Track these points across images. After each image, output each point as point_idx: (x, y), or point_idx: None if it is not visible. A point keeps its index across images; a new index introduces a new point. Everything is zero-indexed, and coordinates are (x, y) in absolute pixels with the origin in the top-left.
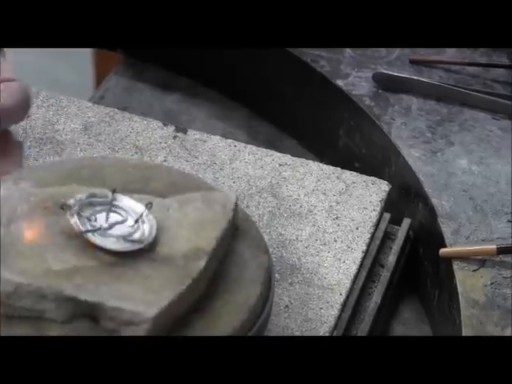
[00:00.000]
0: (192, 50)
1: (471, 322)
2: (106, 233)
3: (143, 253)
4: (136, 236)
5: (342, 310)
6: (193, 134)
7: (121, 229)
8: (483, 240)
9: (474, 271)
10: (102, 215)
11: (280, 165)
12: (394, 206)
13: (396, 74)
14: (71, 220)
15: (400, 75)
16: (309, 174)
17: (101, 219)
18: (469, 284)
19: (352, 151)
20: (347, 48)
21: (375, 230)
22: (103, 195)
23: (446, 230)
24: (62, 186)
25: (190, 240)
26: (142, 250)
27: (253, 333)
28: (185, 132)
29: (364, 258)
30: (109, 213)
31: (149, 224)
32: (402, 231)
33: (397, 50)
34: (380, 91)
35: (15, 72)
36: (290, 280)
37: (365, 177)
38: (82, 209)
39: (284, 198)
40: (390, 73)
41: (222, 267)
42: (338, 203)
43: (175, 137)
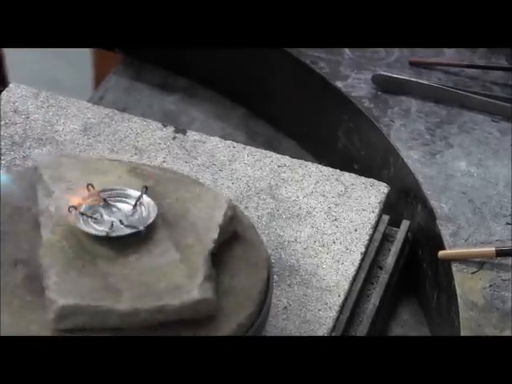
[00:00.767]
0: (191, 51)
1: (470, 324)
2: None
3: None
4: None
5: (341, 312)
6: (192, 135)
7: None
8: (482, 242)
9: (473, 273)
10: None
11: (279, 166)
12: (393, 208)
13: (395, 76)
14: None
15: (399, 77)
16: (308, 176)
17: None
18: (467, 286)
19: (351, 153)
20: (346, 49)
21: (374, 232)
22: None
23: (445, 232)
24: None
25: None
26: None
27: (250, 334)
28: (184, 133)
29: (363, 260)
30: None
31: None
32: (401, 233)
33: (396, 52)
34: (379, 93)
35: (15, 73)
36: (289, 281)
37: (364, 179)
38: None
39: (283, 200)
40: (390, 75)
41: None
42: (337, 205)
43: (174, 138)
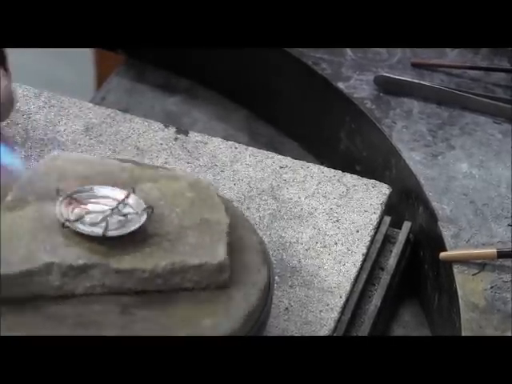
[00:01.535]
0: (193, 52)
1: (471, 326)
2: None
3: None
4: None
5: (342, 313)
6: (194, 136)
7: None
8: (483, 244)
9: (474, 275)
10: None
11: (281, 167)
12: (395, 209)
13: (397, 78)
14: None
15: (401, 78)
16: (309, 177)
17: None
18: (469, 288)
19: (353, 154)
20: (348, 50)
21: (375, 233)
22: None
23: (447, 234)
24: None
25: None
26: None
27: (252, 334)
28: (186, 134)
29: (364, 261)
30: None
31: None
32: (403, 234)
33: (398, 53)
34: (381, 94)
35: (17, 73)
36: (290, 282)
37: (365, 180)
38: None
39: (284, 201)
40: (392, 76)
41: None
42: (339, 206)
43: (176, 138)
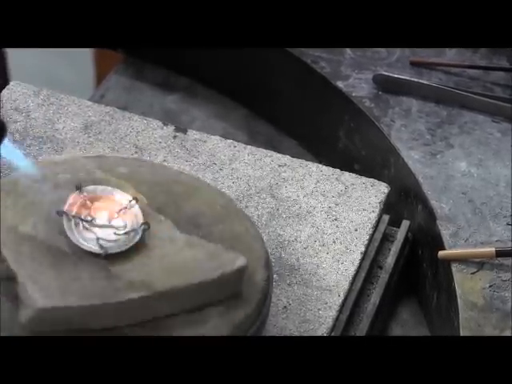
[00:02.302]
0: (192, 50)
1: (469, 325)
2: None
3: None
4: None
5: (340, 312)
6: (192, 134)
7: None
8: (482, 243)
9: (473, 274)
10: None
11: (279, 166)
12: (393, 208)
13: (396, 76)
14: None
15: (400, 77)
16: (308, 175)
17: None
18: (467, 286)
19: (351, 153)
20: (347, 49)
21: (374, 232)
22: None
23: (445, 233)
24: None
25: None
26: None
27: (251, 333)
28: (185, 132)
29: (362, 260)
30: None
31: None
32: (401, 233)
33: (397, 52)
34: (380, 93)
35: (16, 71)
36: (289, 281)
37: (364, 178)
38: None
39: (283, 199)
40: (391, 75)
41: None
42: (337, 204)
43: (175, 137)
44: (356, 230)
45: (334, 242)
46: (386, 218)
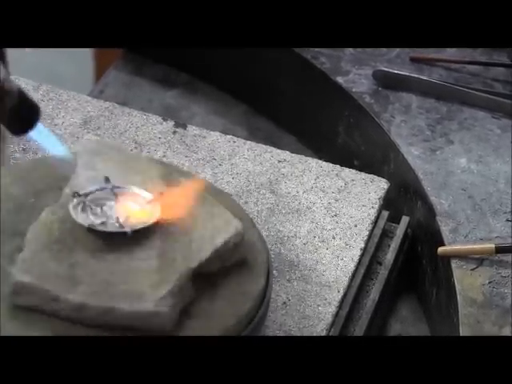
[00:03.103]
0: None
1: (469, 321)
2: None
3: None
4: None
5: (340, 308)
6: (192, 130)
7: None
8: (481, 239)
9: (473, 270)
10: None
11: (279, 161)
12: (393, 204)
13: (396, 72)
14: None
15: (400, 73)
16: (308, 171)
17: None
18: (467, 283)
19: (351, 148)
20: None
21: (373, 228)
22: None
23: (445, 229)
24: None
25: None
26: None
27: (250, 329)
28: (184, 127)
29: (362, 256)
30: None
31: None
32: (401, 229)
33: (397, 48)
34: (380, 89)
35: (16, 66)
36: (288, 277)
37: (364, 174)
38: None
39: (283, 195)
40: (391, 70)
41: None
42: (337, 200)
43: (174, 132)
44: (356, 226)
45: (334, 238)
46: (386, 214)
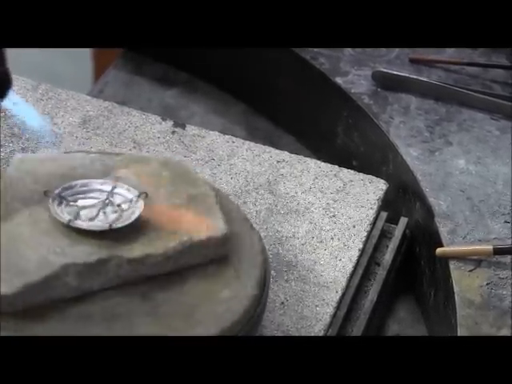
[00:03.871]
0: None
1: (467, 322)
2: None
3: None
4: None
5: (338, 308)
6: (191, 130)
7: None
8: (480, 240)
9: (471, 271)
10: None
11: (278, 162)
12: (391, 205)
13: (395, 73)
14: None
15: (399, 74)
16: (306, 172)
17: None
18: (465, 284)
19: (350, 149)
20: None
21: (372, 229)
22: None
23: (443, 230)
24: None
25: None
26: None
27: (246, 330)
28: (183, 127)
29: (360, 256)
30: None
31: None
32: (399, 230)
33: (396, 49)
34: (379, 90)
35: (15, 66)
36: (286, 277)
37: (362, 175)
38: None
39: (281, 195)
40: (390, 71)
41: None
42: (335, 201)
43: (173, 132)
44: (354, 227)
45: (332, 239)
46: (384, 215)
